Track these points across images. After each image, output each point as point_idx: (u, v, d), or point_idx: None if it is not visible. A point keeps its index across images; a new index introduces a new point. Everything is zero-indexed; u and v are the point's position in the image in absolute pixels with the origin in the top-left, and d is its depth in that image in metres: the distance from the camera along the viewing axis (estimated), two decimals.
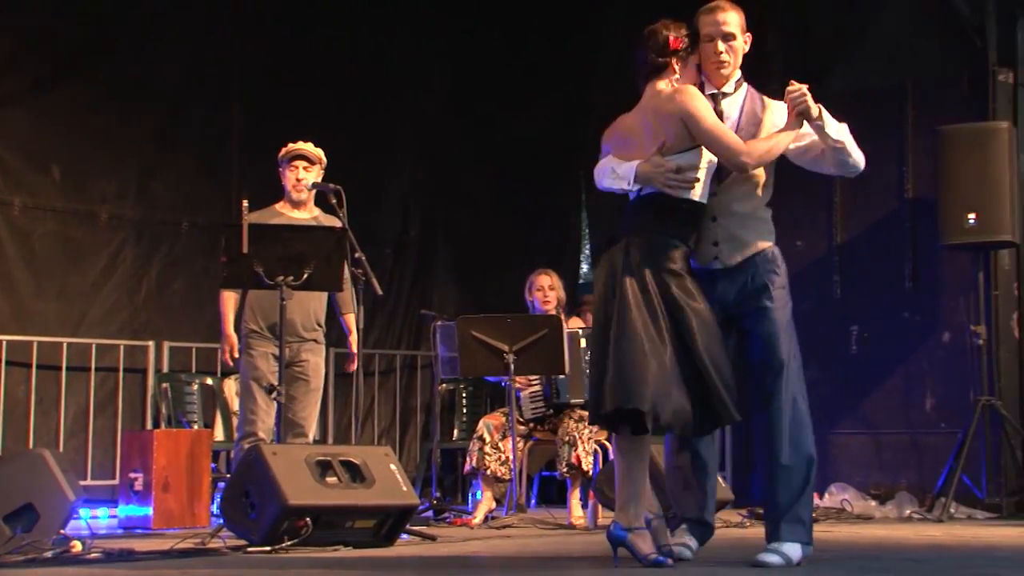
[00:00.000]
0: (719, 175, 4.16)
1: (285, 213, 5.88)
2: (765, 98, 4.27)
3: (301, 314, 5.80)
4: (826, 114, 4.16)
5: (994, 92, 7.22)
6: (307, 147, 5.90)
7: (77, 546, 4.41)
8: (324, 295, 5.90)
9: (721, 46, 4.18)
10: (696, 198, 4.06)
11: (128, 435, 6.48)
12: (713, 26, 4.18)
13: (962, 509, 6.89)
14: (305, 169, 5.85)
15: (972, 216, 6.91)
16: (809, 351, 7.73)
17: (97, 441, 7.49)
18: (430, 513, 6.42)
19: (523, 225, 9.37)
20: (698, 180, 4.05)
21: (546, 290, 6.63)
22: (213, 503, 6.13)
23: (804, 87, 4.13)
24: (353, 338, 5.96)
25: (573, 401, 6.34)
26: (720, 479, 6.21)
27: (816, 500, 7.17)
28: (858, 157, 4.25)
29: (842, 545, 5.09)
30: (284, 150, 5.91)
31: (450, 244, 9.33)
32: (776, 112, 4.24)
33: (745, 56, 4.24)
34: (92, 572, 4.06)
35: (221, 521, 4.93)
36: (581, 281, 9.75)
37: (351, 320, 5.97)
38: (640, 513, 3.98)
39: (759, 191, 4.22)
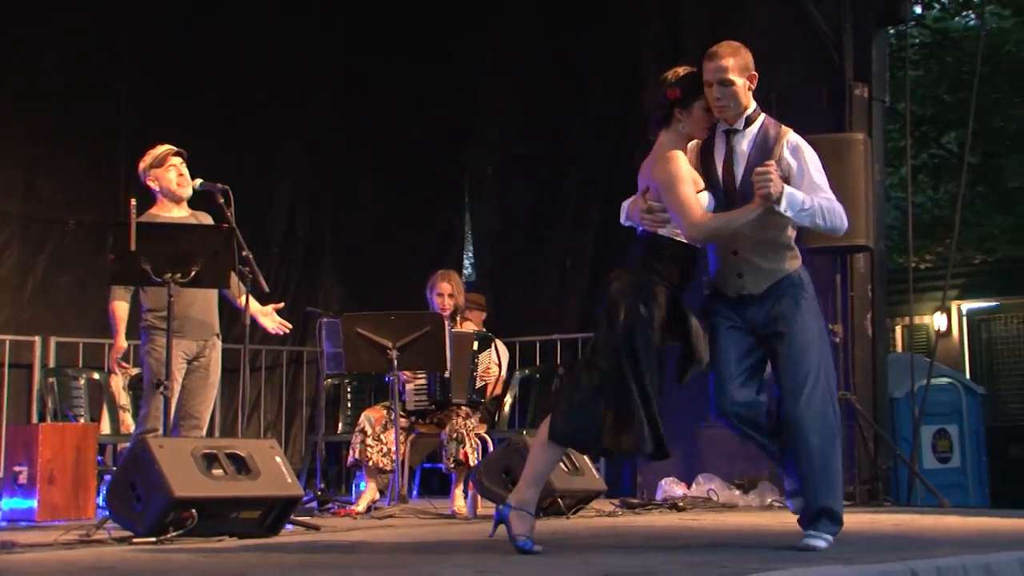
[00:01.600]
0: (729, 207, 4.27)
1: (163, 215, 5.77)
2: (782, 128, 4.36)
3: (209, 312, 5.80)
4: (791, 192, 4.21)
5: (851, 105, 7.45)
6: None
7: None
8: (216, 292, 5.86)
9: (718, 91, 4.27)
10: (666, 234, 4.25)
11: (13, 429, 6.48)
12: (711, 73, 4.28)
13: None
14: (183, 164, 5.78)
15: None
16: None
17: None
18: (314, 504, 6.46)
19: (408, 226, 9.50)
20: (669, 220, 4.25)
21: (445, 298, 6.68)
22: (99, 496, 6.12)
23: (771, 169, 4.18)
24: (255, 306, 5.93)
25: (456, 400, 6.50)
26: (593, 470, 6.50)
27: (684, 490, 7.40)
28: (831, 224, 4.27)
29: (708, 532, 5.31)
30: (155, 154, 5.77)
31: (336, 244, 9.42)
32: (789, 142, 4.33)
33: (624, 68, 4.42)
34: None
35: (107, 513, 4.91)
36: (465, 282, 9.94)
37: (245, 300, 5.77)
38: (533, 499, 4.20)
39: (781, 219, 4.26)
